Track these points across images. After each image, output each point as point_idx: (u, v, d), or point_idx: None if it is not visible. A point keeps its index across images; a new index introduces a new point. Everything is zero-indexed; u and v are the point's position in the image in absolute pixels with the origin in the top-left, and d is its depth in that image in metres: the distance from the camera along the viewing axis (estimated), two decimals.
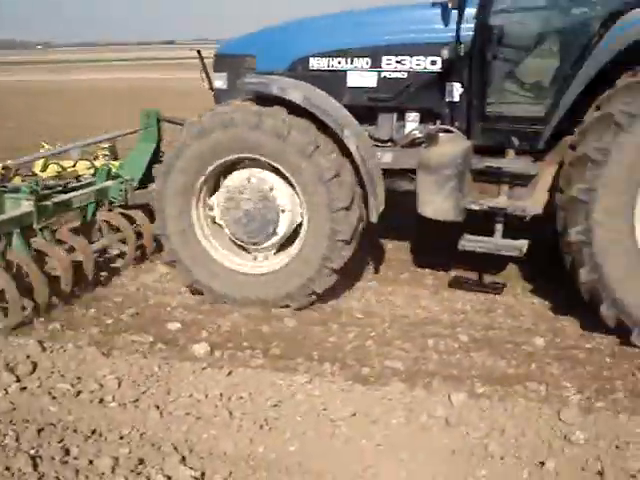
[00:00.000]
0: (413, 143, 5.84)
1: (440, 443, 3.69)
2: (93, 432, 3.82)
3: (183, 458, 3.55)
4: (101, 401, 4.13)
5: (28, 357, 4.64)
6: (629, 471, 3.51)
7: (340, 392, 4.18)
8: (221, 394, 4.17)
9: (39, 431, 3.80)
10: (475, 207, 5.44)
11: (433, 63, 5.64)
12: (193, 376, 4.39)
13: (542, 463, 3.54)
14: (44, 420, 3.93)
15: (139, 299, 5.89)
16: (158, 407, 4.05)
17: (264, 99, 5.54)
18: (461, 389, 4.24)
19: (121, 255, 6.51)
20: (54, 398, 4.16)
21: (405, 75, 5.77)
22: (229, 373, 4.41)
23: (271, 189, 5.57)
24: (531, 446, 3.68)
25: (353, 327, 5.24)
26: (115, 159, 8.66)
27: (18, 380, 4.37)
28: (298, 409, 4.00)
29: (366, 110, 5.94)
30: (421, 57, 5.68)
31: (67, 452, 3.62)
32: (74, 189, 6.48)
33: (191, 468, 3.46)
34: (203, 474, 3.43)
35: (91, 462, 3.53)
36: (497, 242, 5.53)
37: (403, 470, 3.48)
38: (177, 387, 4.27)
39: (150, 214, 6.24)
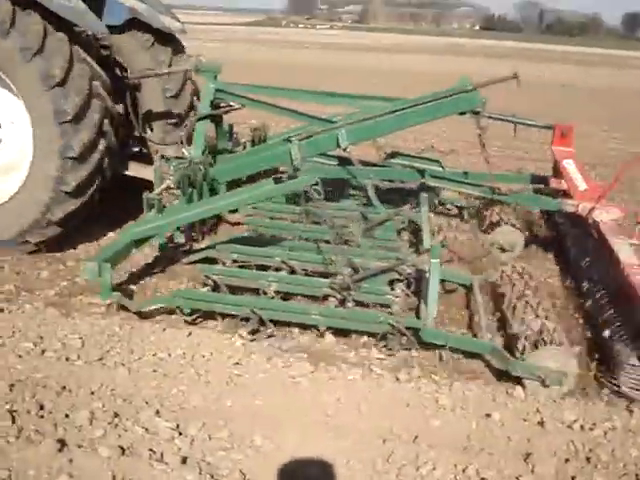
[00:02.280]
0: None
1: (394, 397, 4.02)
2: (63, 388, 4.03)
3: (157, 411, 3.77)
4: (67, 359, 4.33)
5: None
6: (565, 422, 3.93)
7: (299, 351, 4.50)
8: (184, 353, 4.39)
9: (10, 387, 3.96)
10: None
11: None
12: (154, 336, 4.61)
13: (488, 415, 3.91)
14: (13, 377, 4.08)
15: None
16: (124, 365, 4.23)
17: None
18: None
19: None
20: (20, 356, 4.32)
21: None
22: (189, 334, 4.63)
23: None
24: (477, 400, 4.05)
25: None
26: None
27: None
28: (259, 367, 4.26)
29: None
30: None
31: (41, 407, 3.83)
32: None
33: (166, 420, 3.69)
34: (178, 425, 3.67)
35: (67, 416, 3.72)
36: None
37: (363, 421, 3.80)
38: (140, 346, 4.47)
39: None
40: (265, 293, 5.07)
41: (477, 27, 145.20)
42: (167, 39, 7.43)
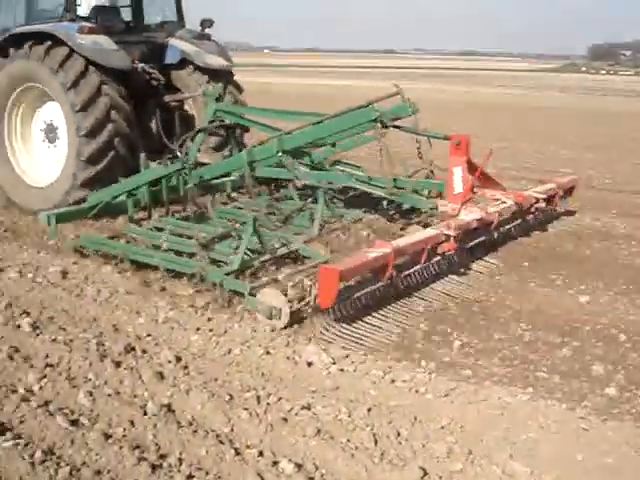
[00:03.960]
0: None
1: None
2: (415, 418, 4.26)
3: (510, 455, 3.89)
4: (417, 391, 4.55)
5: None
6: None
7: None
8: (530, 398, 4.49)
9: (368, 410, 4.27)
10: None
11: None
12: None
13: None
14: (369, 402, 4.39)
15: None
16: (471, 404, 4.41)
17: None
18: None
19: None
20: (373, 382, 4.63)
21: None
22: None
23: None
24: None
25: None
26: None
27: (334, 362, 4.88)
28: (607, 424, 4.24)
29: None
30: None
31: (398, 434, 4.08)
32: None
33: (521, 465, 3.79)
34: (532, 472, 3.76)
35: (424, 445, 3.95)
36: None
37: None
38: (482, 387, 4.64)
39: None
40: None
41: None
42: (210, 72, 10.03)
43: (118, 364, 4.81)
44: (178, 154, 8.72)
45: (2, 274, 6.66)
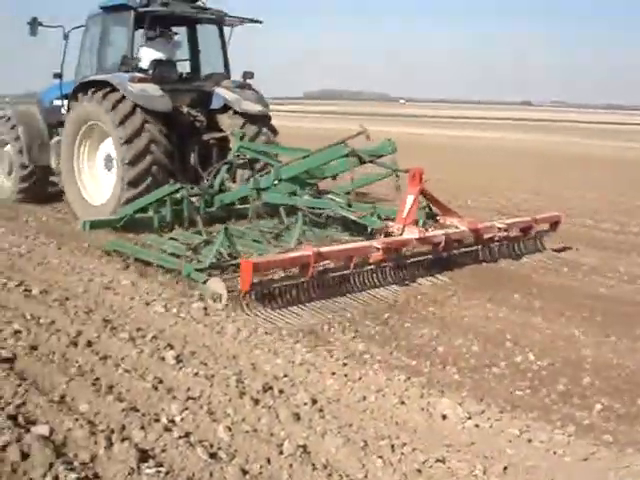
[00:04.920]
0: None
1: None
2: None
3: None
4: (554, 453, 4.45)
5: None
6: None
7: None
8: None
9: (504, 469, 4.21)
10: None
11: None
12: None
13: None
14: (504, 459, 4.35)
15: None
16: (610, 470, 4.27)
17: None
18: None
19: None
20: (509, 441, 4.60)
21: None
22: None
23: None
24: None
25: None
26: None
27: (470, 417, 4.83)
28: None
29: None
30: None
31: None
32: None
33: None
34: None
35: None
36: None
37: None
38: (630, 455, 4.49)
39: None
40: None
41: None
42: (248, 117, 11.85)
43: (257, 402, 4.94)
44: (205, 182, 10.78)
45: (149, 307, 6.99)
